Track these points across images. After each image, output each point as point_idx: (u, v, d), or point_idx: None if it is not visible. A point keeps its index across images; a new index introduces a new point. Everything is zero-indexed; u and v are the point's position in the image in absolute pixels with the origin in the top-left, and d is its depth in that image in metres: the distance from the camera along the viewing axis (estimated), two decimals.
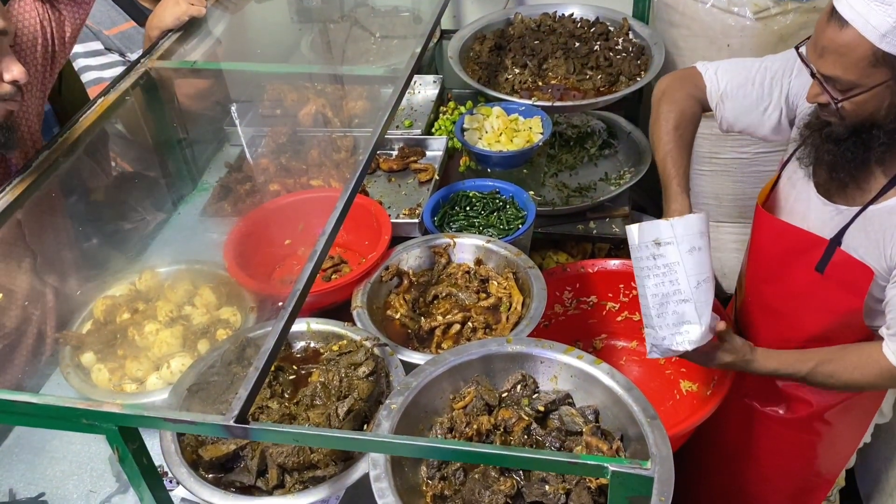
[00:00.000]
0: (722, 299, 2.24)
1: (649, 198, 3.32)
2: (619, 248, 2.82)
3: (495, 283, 1.83)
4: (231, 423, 1.09)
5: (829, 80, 1.51)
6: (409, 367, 1.59)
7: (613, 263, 2.39)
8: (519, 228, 1.99)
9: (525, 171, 2.29)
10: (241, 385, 1.16)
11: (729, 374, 2.01)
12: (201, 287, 1.85)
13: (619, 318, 2.40)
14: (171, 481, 1.51)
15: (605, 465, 0.98)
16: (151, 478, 1.23)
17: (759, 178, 2.69)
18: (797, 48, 1.58)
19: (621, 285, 2.37)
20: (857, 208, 1.66)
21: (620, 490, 0.99)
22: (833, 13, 1.47)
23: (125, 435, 1.16)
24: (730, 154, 2.69)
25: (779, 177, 1.90)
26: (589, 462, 0.99)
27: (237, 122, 2.46)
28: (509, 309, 1.78)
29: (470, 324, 1.77)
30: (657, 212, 3.15)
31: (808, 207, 1.77)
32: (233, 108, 2.48)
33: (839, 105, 1.52)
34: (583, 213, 2.69)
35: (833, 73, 1.49)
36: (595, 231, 2.66)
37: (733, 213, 2.79)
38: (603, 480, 1.35)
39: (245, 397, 1.13)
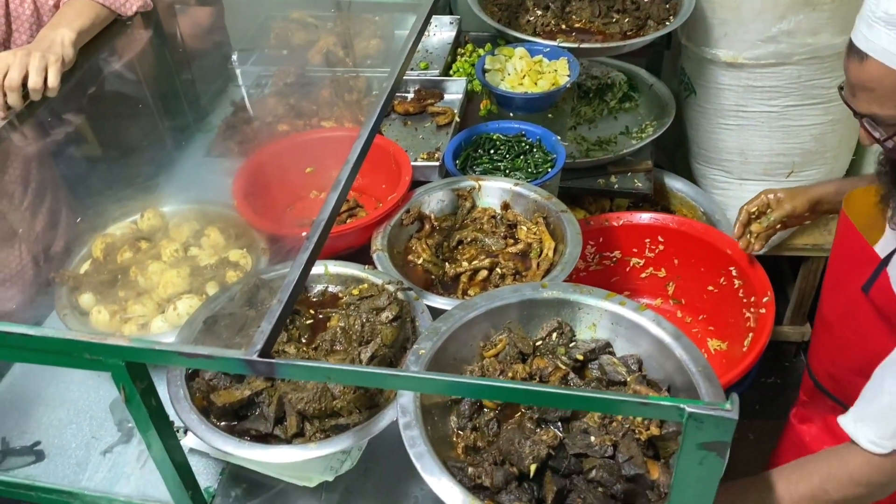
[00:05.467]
0: None
1: (666, 156, 3.19)
2: (639, 205, 2.71)
3: (524, 227, 1.71)
4: (255, 357, 0.97)
5: (871, 118, 1.36)
6: (435, 314, 1.48)
7: (641, 217, 2.28)
8: (548, 172, 1.86)
9: (550, 115, 2.16)
10: (265, 318, 1.04)
11: (765, 332, 1.91)
12: (208, 227, 1.72)
13: (643, 275, 2.29)
14: (178, 430, 1.40)
15: (682, 406, 0.86)
16: (160, 422, 1.12)
17: (787, 134, 2.57)
18: (840, 89, 1.42)
19: (647, 240, 2.25)
20: None
21: (696, 435, 0.87)
22: (851, 47, 1.34)
23: (133, 372, 1.04)
24: (758, 107, 2.56)
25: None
26: (663, 403, 0.87)
27: (236, 62, 2.31)
28: (539, 255, 1.66)
29: (498, 270, 1.65)
30: (676, 169, 3.03)
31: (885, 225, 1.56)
32: (235, 52, 2.34)
33: (893, 144, 1.35)
34: (604, 167, 2.58)
35: (870, 111, 1.35)
36: (616, 186, 2.55)
37: (758, 170, 2.67)
38: (654, 431, 1.25)
39: (269, 331, 1.01)
